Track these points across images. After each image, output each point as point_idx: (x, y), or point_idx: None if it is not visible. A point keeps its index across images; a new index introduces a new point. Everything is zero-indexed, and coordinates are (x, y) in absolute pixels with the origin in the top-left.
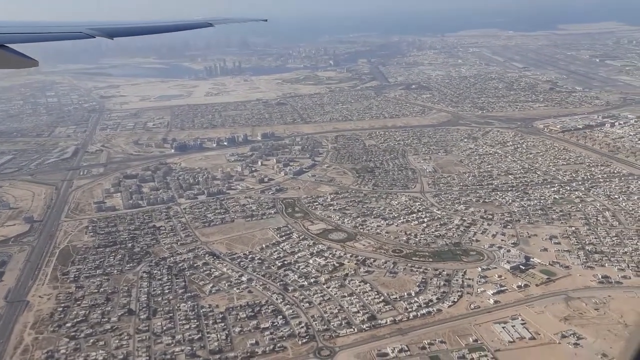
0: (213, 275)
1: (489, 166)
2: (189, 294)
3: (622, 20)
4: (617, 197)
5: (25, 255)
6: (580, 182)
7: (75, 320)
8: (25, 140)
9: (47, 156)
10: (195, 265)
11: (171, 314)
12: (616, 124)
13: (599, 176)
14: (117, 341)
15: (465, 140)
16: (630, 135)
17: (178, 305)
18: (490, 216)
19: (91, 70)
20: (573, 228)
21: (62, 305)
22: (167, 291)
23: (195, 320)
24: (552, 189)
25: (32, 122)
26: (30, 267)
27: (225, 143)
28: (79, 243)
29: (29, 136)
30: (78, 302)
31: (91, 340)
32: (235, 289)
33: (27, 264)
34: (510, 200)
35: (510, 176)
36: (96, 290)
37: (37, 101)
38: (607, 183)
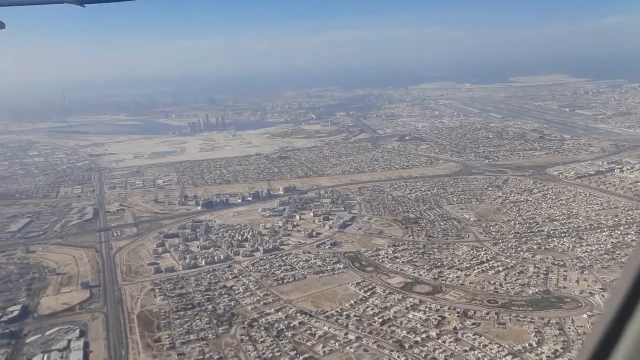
0: (317, 335)
1: (529, 213)
2: (305, 356)
3: (564, 73)
4: None
5: (101, 323)
6: (626, 226)
7: None
8: (33, 202)
9: (67, 218)
10: (292, 325)
11: None
12: (624, 169)
13: None
14: None
15: (491, 188)
16: None
17: None
18: (561, 262)
19: (64, 129)
20: None
21: None
22: (277, 353)
23: None
24: (604, 234)
25: (31, 183)
26: (115, 335)
27: (250, 198)
28: (153, 307)
29: (35, 197)
30: None
31: None
32: (348, 347)
33: (109, 332)
34: (570, 247)
35: (555, 222)
36: (201, 357)
37: (24, 161)
38: None
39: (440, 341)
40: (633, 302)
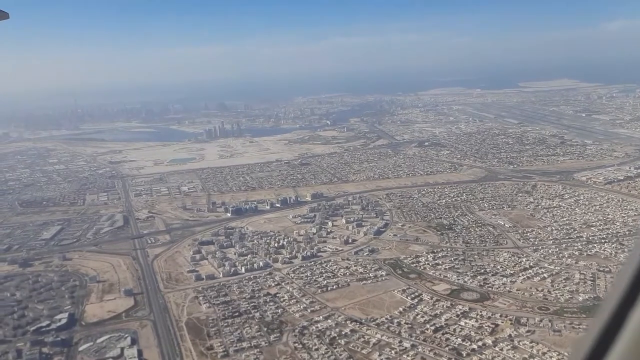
0: (372, 343)
1: (564, 219)
2: None
3: (574, 77)
4: None
5: (150, 331)
6: None
7: None
8: (61, 210)
9: (97, 225)
10: (343, 332)
11: None
12: None
13: None
14: None
15: (520, 194)
16: None
17: None
18: (607, 269)
19: (79, 136)
20: None
21: None
22: None
23: None
24: None
25: (55, 191)
26: (166, 343)
27: (279, 205)
28: (200, 315)
29: (62, 205)
30: None
31: None
32: (404, 356)
33: (160, 340)
34: (612, 253)
35: (592, 228)
36: None
37: (44, 169)
38: None
39: (497, 349)
40: (629, 303)
